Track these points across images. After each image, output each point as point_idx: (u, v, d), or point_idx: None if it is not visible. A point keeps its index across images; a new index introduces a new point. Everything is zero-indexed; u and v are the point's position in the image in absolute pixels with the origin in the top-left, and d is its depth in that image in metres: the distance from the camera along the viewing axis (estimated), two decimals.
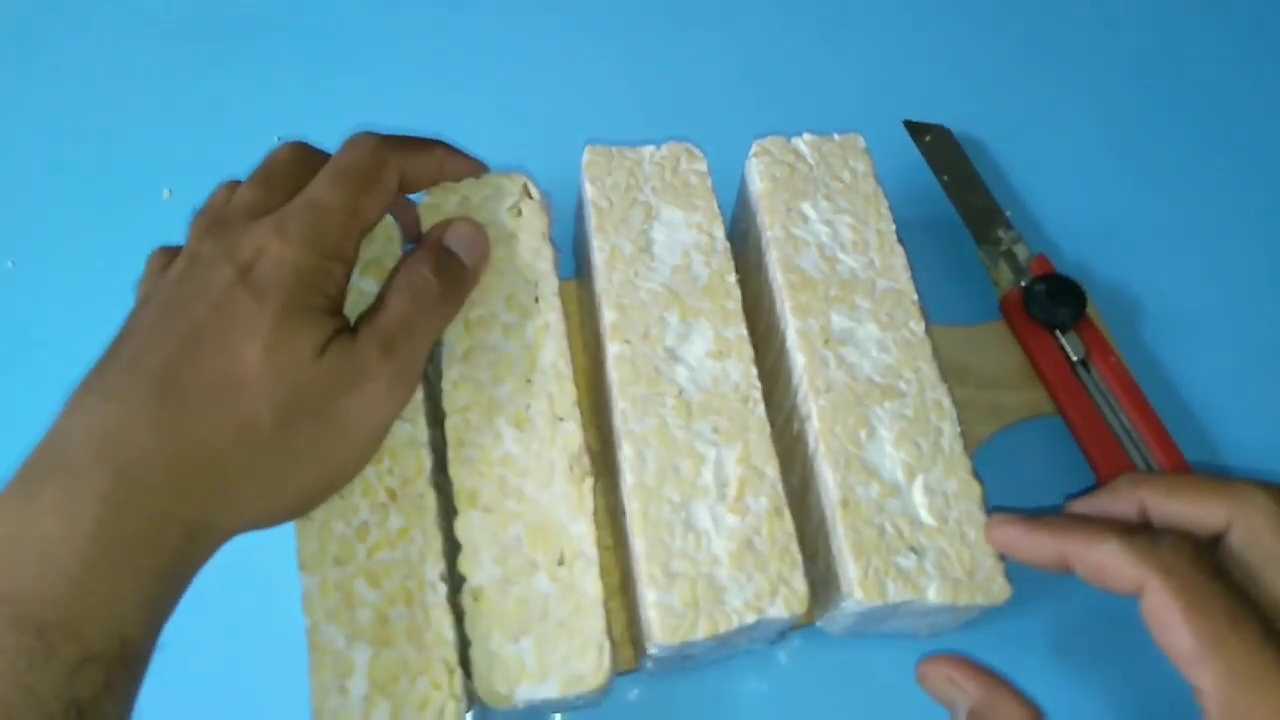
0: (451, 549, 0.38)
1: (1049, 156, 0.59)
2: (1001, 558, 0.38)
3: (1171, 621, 0.31)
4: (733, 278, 0.42)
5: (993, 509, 0.39)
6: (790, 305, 0.42)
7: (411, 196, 0.43)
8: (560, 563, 0.37)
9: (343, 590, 0.36)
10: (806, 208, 0.44)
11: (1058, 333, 0.50)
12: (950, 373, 0.43)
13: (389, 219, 0.43)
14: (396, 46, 0.60)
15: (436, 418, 0.40)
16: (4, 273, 0.52)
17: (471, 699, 0.36)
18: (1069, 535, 0.34)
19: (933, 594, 0.37)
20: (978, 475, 0.40)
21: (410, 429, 0.39)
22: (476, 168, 0.43)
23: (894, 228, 0.44)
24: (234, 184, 0.39)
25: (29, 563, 0.30)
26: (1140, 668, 0.46)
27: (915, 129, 0.57)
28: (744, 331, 0.41)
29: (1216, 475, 0.37)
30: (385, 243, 0.42)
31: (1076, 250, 0.56)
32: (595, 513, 0.38)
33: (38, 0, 0.60)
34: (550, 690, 0.35)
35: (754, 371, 0.41)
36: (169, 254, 0.38)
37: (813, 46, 0.62)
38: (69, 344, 0.50)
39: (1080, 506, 0.38)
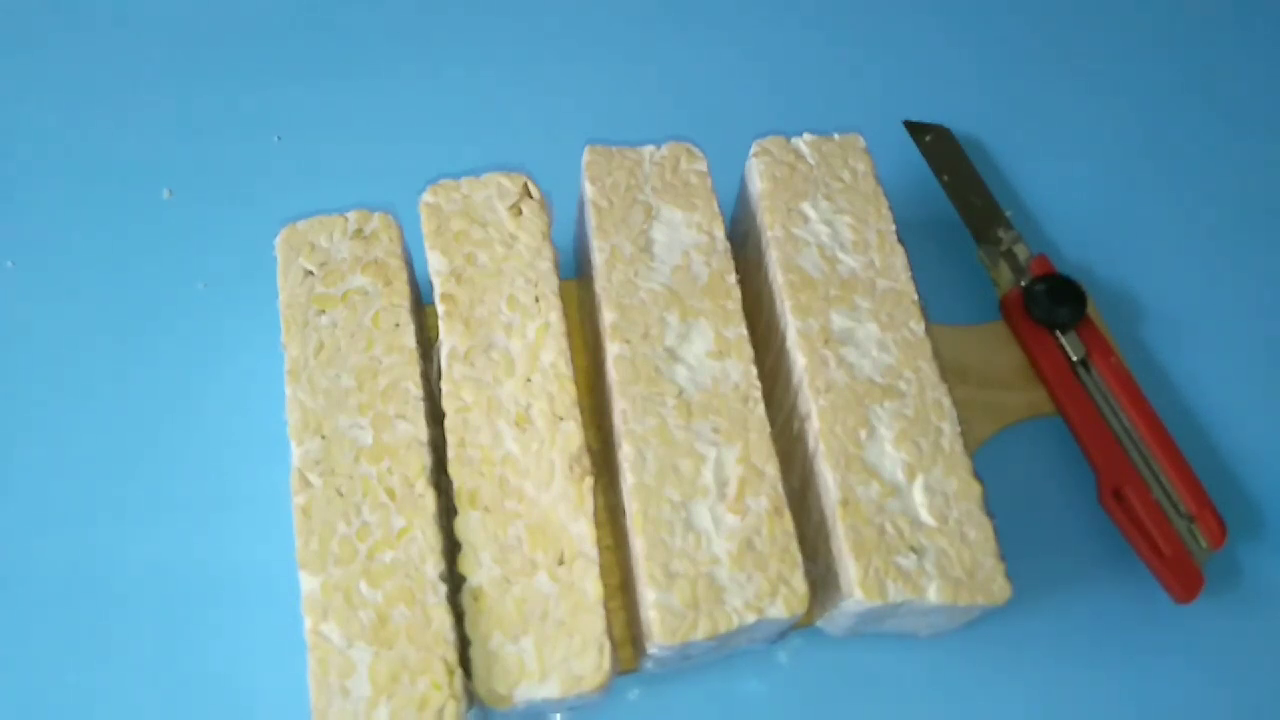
0: (451, 549, 0.38)
1: (1049, 156, 0.59)
2: (1002, 557, 0.38)
3: None
4: (733, 277, 0.42)
5: (992, 509, 0.40)
6: (790, 305, 0.42)
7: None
8: (560, 563, 0.37)
9: (343, 590, 0.36)
10: (806, 207, 0.44)
11: (1058, 333, 0.50)
12: (950, 373, 0.43)
13: (390, 218, 0.43)
14: (396, 47, 0.60)
15: (436, 418, 0.40)
16: (4, 273, 0.52)
17: (471, 699, 0.36)
18: None
19: (933, 594, 0.37)
20: (978, 475, 0.40)
21: (410, 429, 0.39)
22: None
23: (894, 228, 0.44)
24: None
25: None
26: (1140, 668, 0.46)
27: (915, 129, 0.57)
28: (744, 331, 0.41)
29: None
30: (388, 242, 0.42)
31: (1076, 250, 0.56)
32: (595, 512, 0.38)
33: (39, 1, 0.60)
34: (550, 690, 0.35)
35: (754, 371, 0.41)
36: None
37: (813, 46, 0.62)
38: (69, 344, 0.50)
39: None
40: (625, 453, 0.39)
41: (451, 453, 0.39)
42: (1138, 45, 0.64)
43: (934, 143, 0.56)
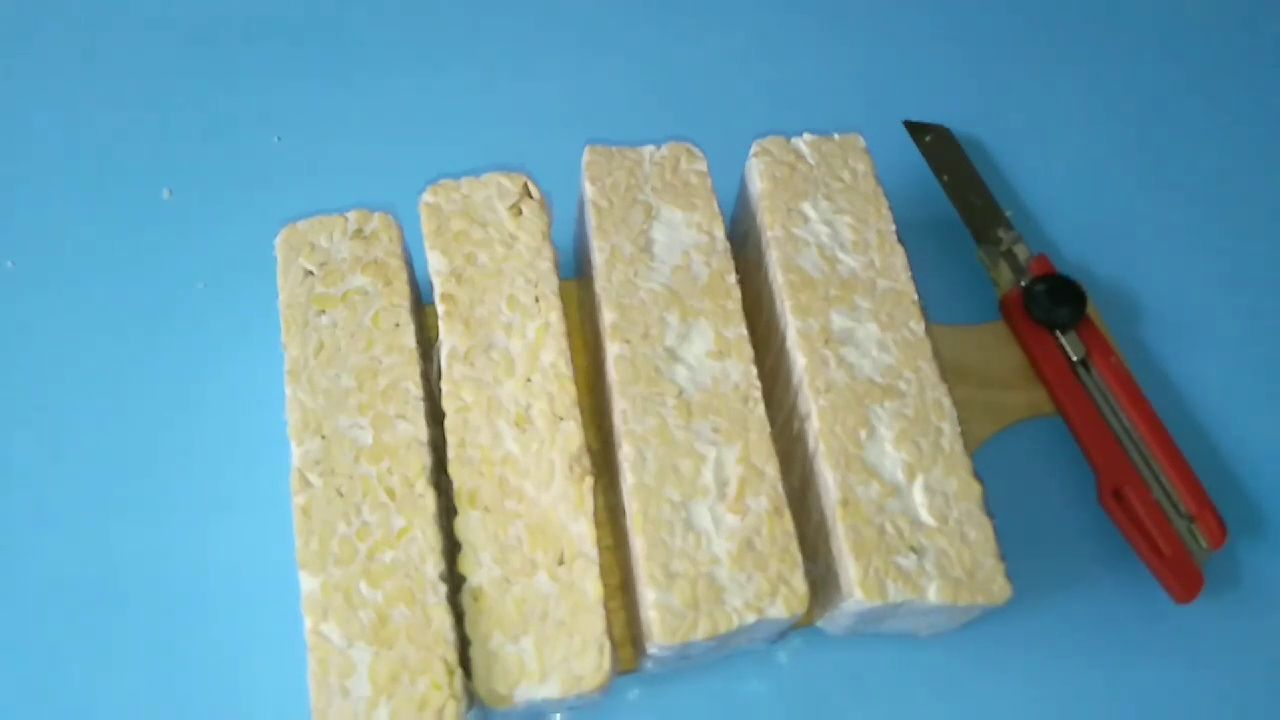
0: (451, 549, 0.38)
1: (1049, 156, 0.59)
2: (1002, 557, 0.38)
3: None
4: (733, 278, 0.42)
5: (992, 509, 0.40)
6: (790, 305, 0.42)
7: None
8: (560, 563, 0.37)
9: (343, 590, 0.36)
10: (806, 207, 0.44)
11: (1058, 333, 0.50)
12: (950, 373, 0.43)
13: (390, 218, 0.43)
14: (396, 47, 0.60)
15: (436, 418, 0.40)
16: (4, 273, 0.52)
17: (471, 699, 0.36)
18: None
19: (933, 594, 0.37)
20: (978, 475, 0.40)
21: (410, 429, 0.39)
22: None
23: (894, 228, 0.44)
24: None
25: None
26: (1140, 668, 0.46)
27: (915, 129, 0.57)
28: (744, 331, 0.41)
29: None
30: (388, 242, 0.42)
31: (1076, 250, 0.56)
32: (595, 512, 0.38)
33: (39, 1, 0.60)
34: (550, 690, 0.35)
35: (754, 371, 0.41)
36: None
37: (813, 46, 0.62)
38: (69, 344, 0.50)
39: None
40: (625, 453, 0.39)
41: (451, 453, 0.39)
42: (1137, 45, 0.64)
43: (934, 143, 0.56)
